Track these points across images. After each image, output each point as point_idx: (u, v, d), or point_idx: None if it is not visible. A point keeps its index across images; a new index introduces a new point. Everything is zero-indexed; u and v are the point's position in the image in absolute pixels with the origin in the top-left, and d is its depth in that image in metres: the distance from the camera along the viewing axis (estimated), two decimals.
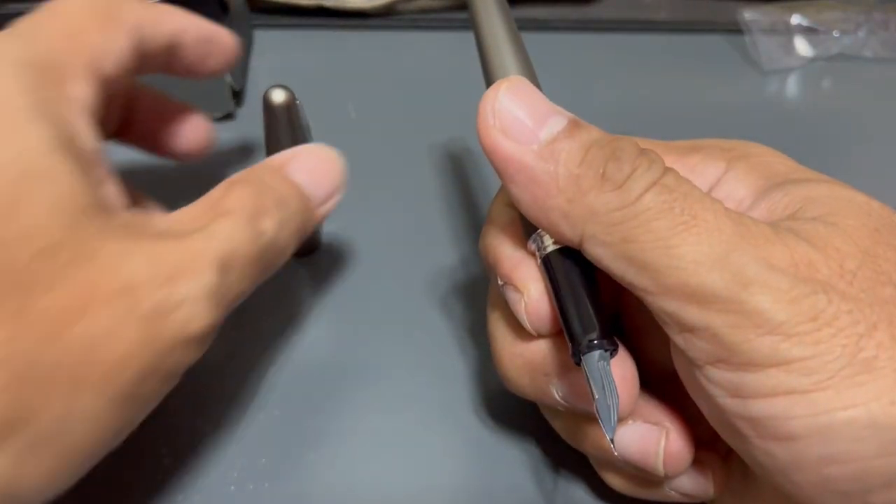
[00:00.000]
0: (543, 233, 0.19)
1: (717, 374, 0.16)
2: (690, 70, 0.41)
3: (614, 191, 0.17)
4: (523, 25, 0.43)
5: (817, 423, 0.15)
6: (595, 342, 0.17)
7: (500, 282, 0.20)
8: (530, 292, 0.19)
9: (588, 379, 0.17)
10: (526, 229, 0.20)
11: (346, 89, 0.38)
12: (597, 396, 0.17)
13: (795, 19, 0.42)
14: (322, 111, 0.31)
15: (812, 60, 0.42)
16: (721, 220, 0.16)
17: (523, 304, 0.19)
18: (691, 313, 0.16)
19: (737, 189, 0.19)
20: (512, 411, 0.25)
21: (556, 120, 0.18)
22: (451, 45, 0.41)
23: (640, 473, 0.20)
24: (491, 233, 0.21)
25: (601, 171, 0.17)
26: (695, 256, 0.16)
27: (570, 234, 0.17)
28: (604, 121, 0.21)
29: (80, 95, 0.19)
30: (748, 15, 0.42)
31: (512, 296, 0.20)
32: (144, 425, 0.24)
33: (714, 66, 0.41)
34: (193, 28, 0.24)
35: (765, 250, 0.16)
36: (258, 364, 0.26)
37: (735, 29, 0.42)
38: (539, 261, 0.19)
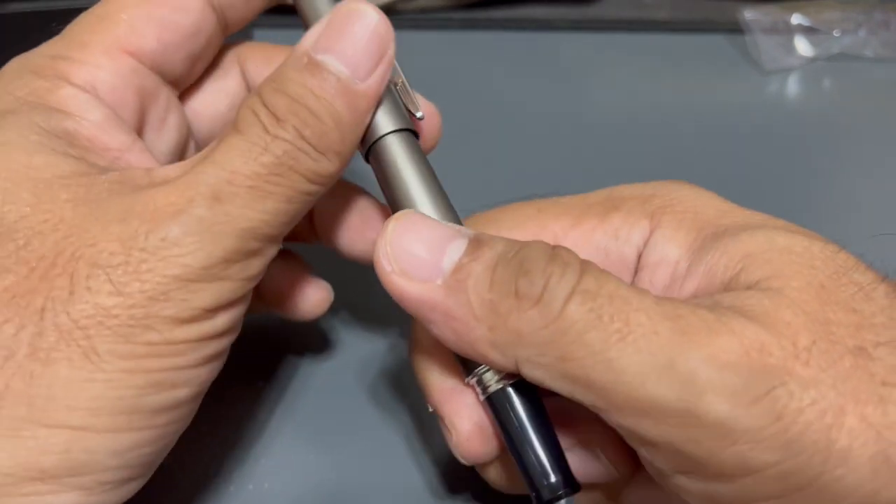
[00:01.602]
0: (483, 370, 0.18)
1: (688, 482, 0.15)
2: (690, 70, 0.41)
3: (534, 307, 0.15)
4: (523, 25, 0.43)
5: None
6: (560, 491, 0.17)
7: (429, 408, 0.20)
8: (459, 430, 0.19)
9: None
10: (461, 361, 0.19)
11: None
12: None
13: (796, 19, 0.42)
14: None
15: (812, 60, 0.42)
16: (656, 321, 0.15)
17: (453, 441, 0.19)
18: (648, 428, 0.15)
19: (668, 251, 0.18)
20: None
21: (455, 245, 0.17)
22: (451, 45, 0.41)
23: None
24: (417, 356, 0.20)
25: (513, 289, 0.16)
26: (637, 368, 0.14)
27: (503, 361, 0.16)
28: (604, 121, 0.21)
29: (82, 76, 0.19)
30: (748, 15, 0.42)
31: (442, 427, 0.19)
32: None
33: (714, 66, 0.41)
34: None
35: (711, 346, 0.14)
36: (258, 364, 0.26)
37: (735, 29, 0.42)
38: (481, 398, 0.18)
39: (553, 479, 0.17)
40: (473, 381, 0.18)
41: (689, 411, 0.14)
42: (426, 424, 0.25)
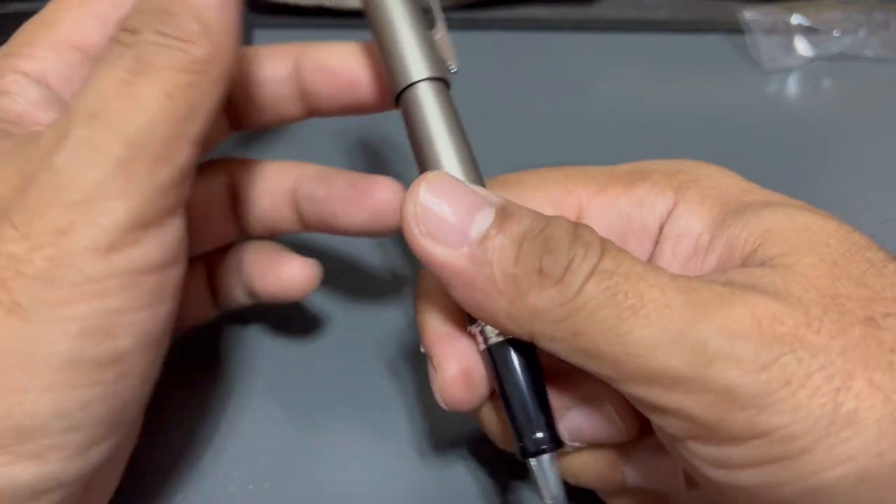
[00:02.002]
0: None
1: (699, 448, 0.15)
2: (690, 70, 0.41)
3: (555, 286, 0.16)
4: (523, 25, 0.43)
5: (808, 486, 0.14)
6: (544, 446, 0.18)
7: (421, 349, 0.20)
8: (446, 372, 0.19)
9: (536, 477, 0.18)
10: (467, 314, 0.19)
11: None
12: (545, 495, 0.18)
13: (796, 19, 0.42)
14: None
15: (812, 60, 0.42)
16: (670, 295, 0.15)
17: (437, 383, 0.19)
18: (659, 396, 0.15)
19: (692, 223, 0.19)
20: None
21: (483, 214, 0.17)
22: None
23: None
24: (421, 301, 0.20)
25: (538, 266, 0.16)
26: (649, 341, 0.15)
27: (519, 332, 0.17)
28: (604, 121, 0.21)
29: (29, 66, 0.19)
30: (748, 15, 0.42)
31: (429, 368, 0.19)
32: (144, 425, 0.24)
33: (714, 66, 0.41)
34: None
35: (722, 317, 0.15)
36: (258, 364, 0.26)
37: (735, 29, 0.42)
38: (481, 348, 0.19)
39: (539, 434, 0.18)
40: (476, 330, 0.19)
41: (700, 379, 0.15)
42: (427, 424, 0.25)
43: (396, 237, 0.30)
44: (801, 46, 0.42)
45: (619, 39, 0.43)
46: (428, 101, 0.20)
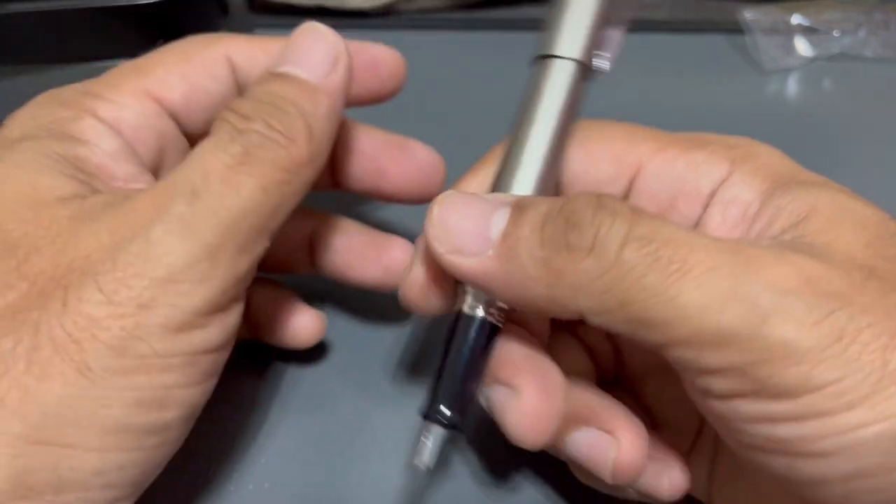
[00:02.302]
0: (472, 290, 0.18)
1: (743, 405, 0.16)
2: (690, 70, 0.41)
3: (588, 257, 0.16)
4: (523, 25, 0.43)
5: (848, 441, 0.14)
6: (444, 421, 0.18)
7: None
8: (412, 277, 0.19)
9: (420, 441, 0.18)
10: None
11: None
12: (415, 459, 0.18)
13: (796, 19, 0.42)
14: None
15: (812, 60, 0.42)
16: (715, 256, 0.15)
17: (401, 286, 0.19)
18: (711, 358, 0.15)
19: (743, 192, 0.19)
20: None
21: (499, 215, 0.17)
22: (451, 45, 0.41)
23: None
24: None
25: (565, 243, 0.16)
26: (700, 301, 0.15)
27: (567, 314, 0.17)
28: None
29: (106, 110, 0.20)
30: (748, 15, 0.42)
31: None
32: None
33: (714, 66, 0.41)
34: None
35: (772, 274, 0.15)
36: (258, 364, 0.26)
37: (735, 29, 0.42)
38: (455, 308, 0.19)
39: (447, 410, 0.18)
40: (462, 292, 0.19)
41: (754, 336, 0.15)
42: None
43: None
44: (801, 46, 0.42)
45: None
46: (556, 78, 0.20)
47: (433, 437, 0.18)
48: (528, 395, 0.18)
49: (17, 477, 0.16)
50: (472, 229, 0.17)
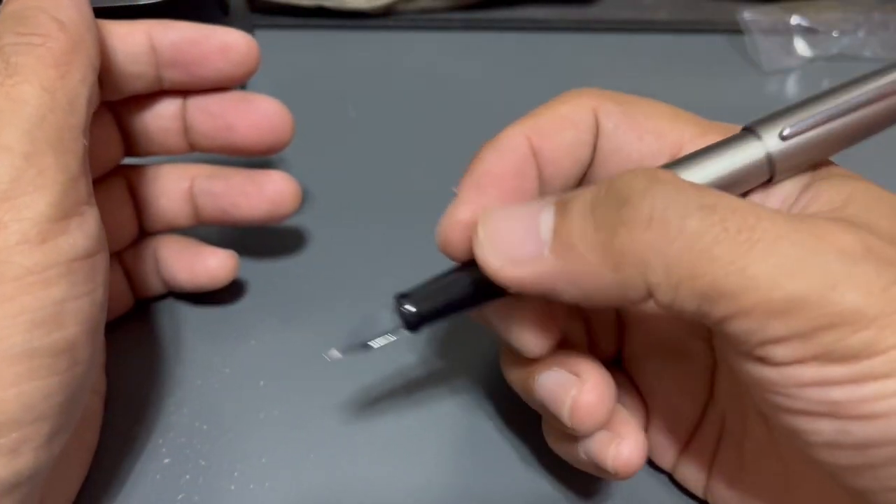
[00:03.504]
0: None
1: (801, 370, 0.15)
2: (690, 70, 0.41)
3: (648, 229, 0.16)
4: (523, 26, 0.43)
5: None
6: (407, 308, 0.19)
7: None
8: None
9: (377, 315, 0.20)
10: None
11: (345, 89, 0.38)
12: (371, 332, 0.20)
13: (795, 19, 0.42)
14: (321, 111, 0.31)
15: (812, 60, 0.42)
16: (780, 226, 0.15)
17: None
18: (776, 326, 0.15)
19: (785, 183, 0.19)
20: (512, 413, 0.25)
21: (545, 214, 0.17)
22: (451, 45, 0.41)
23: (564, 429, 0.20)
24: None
25: (621, 219, 0.16)
26: (771, 271, 0.15)
27: (637, 296, 0.16)
28: None
29: None
30: (748, 15, 0.42)
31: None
32: (145, 424, 0.24)
33: (714, 66, 0.41)
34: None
35: (839, 241, 0.15)
36: (259, 364, 0.26)
37: (735, 29, 0.42)
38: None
39: (414, 308, 0.19)
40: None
41: (825, 302, 0.15)
42: (428, 423, 0.25)
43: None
44: (801, 47, 0.42)
45: (619, 40, 0.43)
46: (737, 153, 0.19)
47: (389, 322, 0.20)
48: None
49: None
50: (521, 235, 0.17)
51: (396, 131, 0.36)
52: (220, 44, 0.24)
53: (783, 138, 0.18)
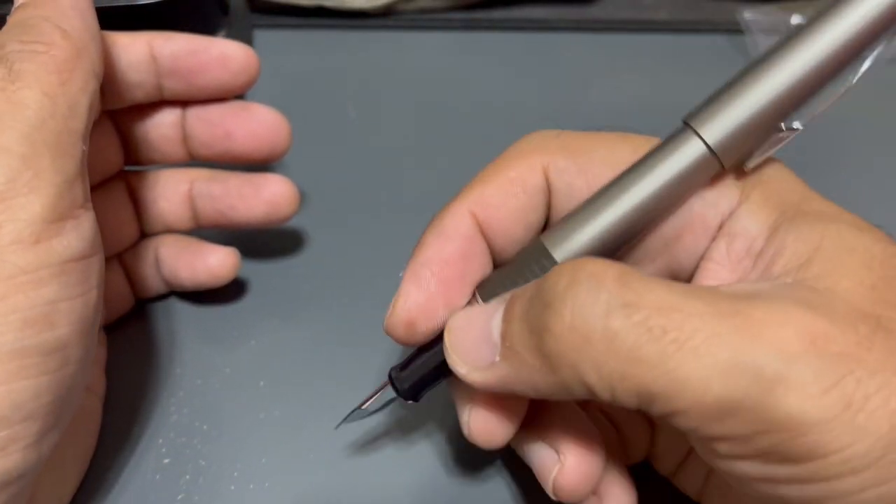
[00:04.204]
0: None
1: (749, 466, 0.15)
2: (690, 70, 0.41)
3: (572, 332, 0.15)
4: (523, 26, 0.43)
5: (852, 502, 0.14)
6: (399, 384, 0.20)
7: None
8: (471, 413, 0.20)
9: (376, 390, 0.21)
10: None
11: (345, 89, 0.38)
12: (367, 403, 0.22)
13: (795, 19, 0.42)
14: (321, 111, 0.31)
15: None
16: (713, 323, 0.15)
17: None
18: (716, 428, 0.15)
19: (750, 225, 0.18)
20: None
21: (496, 318, 0.18)
22: (451, 45, 0.41)
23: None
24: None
25: (545, 325, 0.16)
26: (701, 373, 0.14)
27: (581, 394, 0.16)
28: (604, 121, 0.21)
29: None
30: (748, 15, 0.42)
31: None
32: (145, 424, 0.24)
33: (714, 66, 0.41)
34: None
35: (775, 338, 0.14)
36: (259, 364, 0.26)
37: (735, 29, 0.42)
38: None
39: (404, 382, 0.20)
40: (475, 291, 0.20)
41: (760, 408, 0.14)
42: (427, 424, 0.25)
43: None
44: None
45: (619, 40, 0.43)
46: (678, 155, 0.18)
47: (384, 396, 0.21)
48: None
49: None
50: (478, 342, 0.18)
51: (396, 131, 0.36)
52: (220, 54, 0.24)
53: (716, 122, 0.18)
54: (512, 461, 0.24)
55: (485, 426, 0.19)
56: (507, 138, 0.21)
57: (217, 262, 0.26)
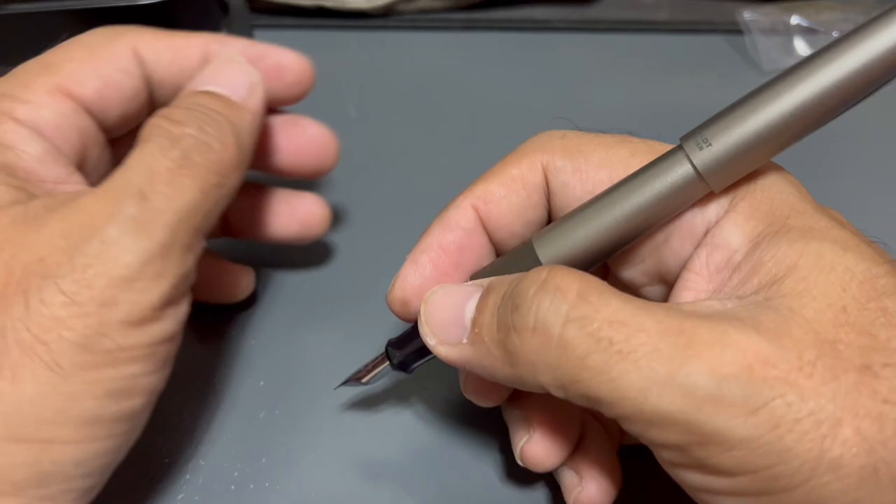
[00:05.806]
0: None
1: (690, 475, 0.16)
2: (690, 70, 0.41)
3: (533, 336, 0.17)
4: (523, 26, 0.43)
5: None
6: (392, 357, 0.22)
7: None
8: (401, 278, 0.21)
9: (373, 360, 0.23)
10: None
11: (346, 89, 0.38)
12: (364, 372, 0.23)
13: (795, 19, 0.42)
14: (322, 111, 0.31)
15: None
16: (657, 339, 0.16)
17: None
18: (655, 434, 0.16)
19: (732, 237, 0.18)
20: None
21: (471, 302, 0.19)
22: (451, 46, 0.41)
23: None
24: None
25: (512, 324, 0.17)
26: (640, 385, 0.15)
27: (536, 388, 0.17)
28: (604, 121, 0.21)
29: (24, 113, 0.20)
30: (748, 15, 0.42)
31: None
32: (145, 424, 0.24)
33: (714, 66, 0.41)
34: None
35: (713, 359, 0.15)
36: (259, 364, 0.26)
37: (735, 29, 0.42)
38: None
39: (399, 357, 0.22)
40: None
41: (690, 422, 0.15)
42: (427, 424, 0.25)
43: None
44: (801, 47, 0.42)
45: (619, 40, 0.43)
46: (668, 175, 0.18)
47: (379, 368, 0.23)
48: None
49: (1, 476, 0.16)
50: (451, 320, 0.19)
51: (396, 131, 0.36)
52: (275, 64, 0.24)
53: (708, 147, 0.18)
54: (510, 467, 0.24)
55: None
56: (506, 138, 0.21)
57: (233, 281, 0.26)
